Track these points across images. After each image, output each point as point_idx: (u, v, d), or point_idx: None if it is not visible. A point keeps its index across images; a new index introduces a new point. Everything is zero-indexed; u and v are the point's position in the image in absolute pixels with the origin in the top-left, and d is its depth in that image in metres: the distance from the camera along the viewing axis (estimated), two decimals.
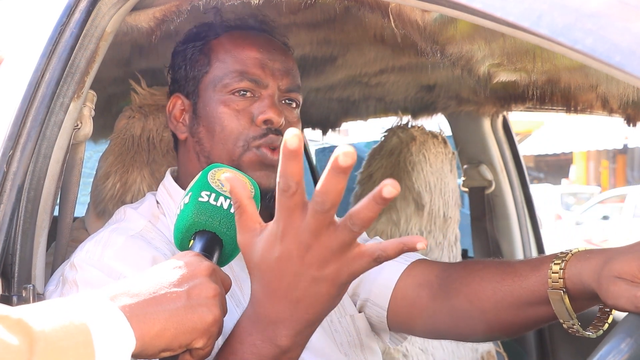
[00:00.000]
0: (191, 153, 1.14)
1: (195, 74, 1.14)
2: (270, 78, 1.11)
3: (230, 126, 1.08)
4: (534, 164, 17.58)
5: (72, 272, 0.98)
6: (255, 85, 1.10)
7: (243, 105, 1.09)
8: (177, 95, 1.17)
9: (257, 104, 1.10)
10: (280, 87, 1.12)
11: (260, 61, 1.11)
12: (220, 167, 0.93)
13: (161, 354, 0.72)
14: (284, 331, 0.77)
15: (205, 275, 0.76)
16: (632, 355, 0.69)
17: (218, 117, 1.09)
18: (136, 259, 0.98)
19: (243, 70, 1.10)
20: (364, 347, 1.15)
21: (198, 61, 1.14)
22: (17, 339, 0.58)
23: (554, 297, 0.90)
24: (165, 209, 1.11)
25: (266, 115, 1.08)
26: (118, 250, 0.99)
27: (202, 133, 1.11)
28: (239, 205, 0.77)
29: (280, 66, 1.13)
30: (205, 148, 1.11)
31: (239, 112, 1.09)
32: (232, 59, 1.11)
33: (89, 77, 1.06)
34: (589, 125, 12.07)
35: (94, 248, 1.00)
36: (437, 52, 0.99)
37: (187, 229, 0.87)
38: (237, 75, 1.10)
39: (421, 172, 1.87)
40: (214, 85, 1.11)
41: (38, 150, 1.00)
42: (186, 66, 1.16)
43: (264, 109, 1.08)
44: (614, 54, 0.62)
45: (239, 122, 1.08)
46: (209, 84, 1.12)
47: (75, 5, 1.03)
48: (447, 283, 1.07)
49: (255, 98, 1.10)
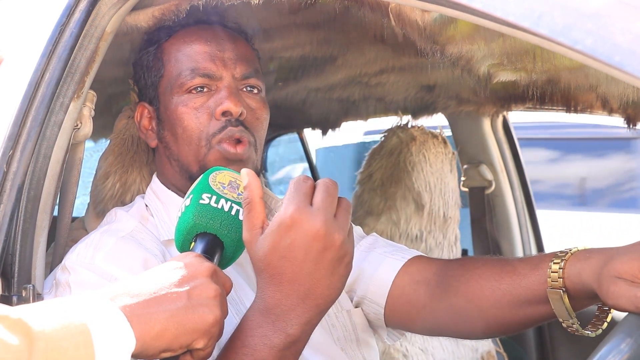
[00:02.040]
0: (163, 158, 1.14)
1: (152, 80, 1.14)
2: (222, 69, 1.09)
3: (191, 125, 1.08)
4: None
5: (65, 275, 0.98)
6: (209, 80, 1.09)
7: (200, 102, 1.08)
8: (141, 104, 1.17)
9: (214, 97, 1.08)
10: (235, 76, 1.10)
11: (209, 54, 1.10)
12: (221, 170, 0.93)
13: (162, 355, 0.72)
14: (295, 319, 0.79)
15: (206, 276, 0.76)
16: (632, 355, 0.68)
17: (179, 118, 1.09)
18: (127, 260, 0.99)
19: (194, 66, 1.09)
20: (360, 342, 1.15)
21: (153, 66, 1.14)
22: (17, 339, 0.58)
23: (554, 297, 0.90)
24: (153, 210, 1.12)
25: (223, 107, 1.06)
26: (109, 252, 0.99)
27: (167, 137, 1.12)
28: (249, 201, 0.82)
29: (231, 54, 1.11)
30: (174, 152, 1.11)
31: (197, 110, 1.08)
32: (183, 57, 1.11)
33: (89, 77, 1.06)
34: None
35: (85, 250, 1.00)
36: (437, 52, 0.99)
37: (188, 231, 0.87)
38: (189, 72, 1.09)
39: (421, 172, 1.87)
40: (171, 87, 1.11)
41: (38, 150, 1.00)
42: (144, 74, 1.16)
43: (220, 101, 1.07)
44: (614, 54, 0.62)
45: (198, 120, 1.08)
46: (166, 86, 1.12)
47: (75, 5, 1.03)
48: (445, 280, 1.06)
49: (212, 92, 1.09)
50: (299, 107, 2.05)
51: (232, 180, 0.91)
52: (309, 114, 2.16)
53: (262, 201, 0.82)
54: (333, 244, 0.78)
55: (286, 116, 2.23)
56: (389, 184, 1.90)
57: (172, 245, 1.05)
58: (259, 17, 1.23)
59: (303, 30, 1.35)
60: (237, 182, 0.92)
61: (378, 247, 1.19)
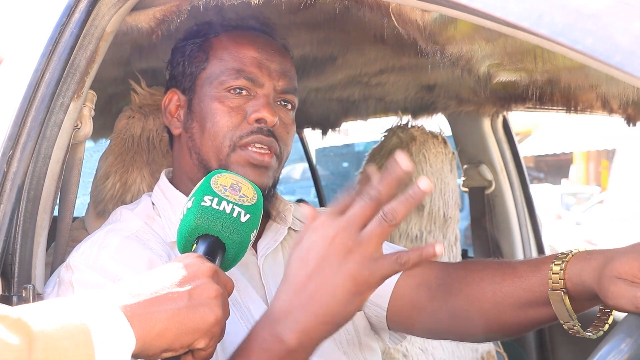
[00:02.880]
0: (184, 149, 1.14)
1: (192, 70, 1.14)
2: (266, 77, 1.11)
3: (222, 122, 1.08)
4: (534, 164, 17.57)
5: (68, 274, 0.98)
6: (252, 84, 1.10)
7: (237, 103, 1.09)
8: (173, 90, 1.17)
9: (252, 102, 1.09)
10: (276, 88, 1.12)
11: (258, 60, 1.11)
12: (223, 173, 0.94)
13: (163, 355, 0.72)
14: (291, 325, 0.78)
15: (207, 276, 0.76)
16: (632, 355, 0.69)
17: (211, 112, 1.09)
18: (131, 259, 0.99)
19: (240, 68, 1.10)
20: (362, 345, 1.15)
21: (196, 57, 1.14)
22: (17, 338, 0.58)
23: (555, 298, 0.90)
24: (161, 210, 1.11)
25: (260, 114, 1.07)
26: (113, 251, 0.99)
27: (194, 129, 1.12)
28: None
29: (277, 67, 1.12)
30: (197, 144, 1.11)
31: (232, 110, 1.09)
32: (230, 57, 1.11)
33: (89, 77, 1.06)
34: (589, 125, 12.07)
35: (90, 249, 1.00)
36: (437, 52, 0.99)
37: (190, 233, 0.87)
38: (234, 72, 1.09)
39: (421, 172, 1.87)
40: (210, 82, 1.11)
41: (38, 150, 1.00)
42: (184, 62, 1.15)
43: (258, 108, 1.08)
44: (614, 54, 0.62)
45: (230, 119, 1.08)
46: (205, 80, 1.12)
47: (75, 5, 1.03)
48: (446, 283, 1.06)
49: (250, 97, 1.10)
50: (299, 107, 2.04)
51: (234, 182, 0.92)
52: (309, 114, 2.16)
53: None
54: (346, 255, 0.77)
55: None
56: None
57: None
58: (259, 17, 1.23)
59: (303, 30, 1.35)
60: (239, 184, 0.92)
61: (386, 249, 1.19)
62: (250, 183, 0.95)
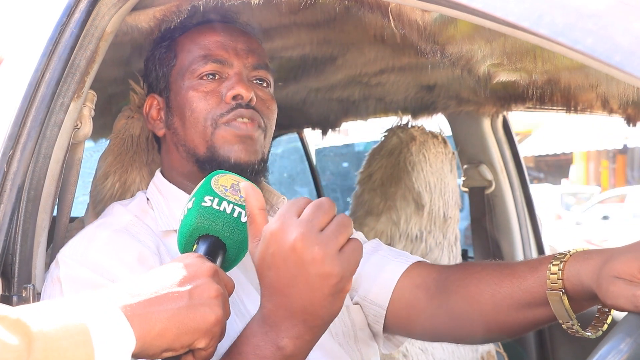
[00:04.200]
0: (170, 146, 1.16)
1: (164, 71, 1.16)
2: (234, 57, 1.12)
3: (199, 107, 1.10)
4: (534, 164, 17.56)
5: (57, 269, 0.98)
6: (221, 66, 1.12)
7: (211, 87, 1.11)
8: (151, 95, 1.20)
9: (225, 83, 1.11)
10: (246, 65, 1.13)
11: (222, 43, 1.13)
12: (223, 174, 0.94)
13: (163, 354, 0.72)
14: (284, 332, 0.78)
15: (207, 276, 0.76)
16: (632, 355, 0.68)
17: (188, 101, 1.11)
18: (121, 252, 0.99)
19: (206, 53, 1.12)
20: (358, 338, 1.15)
21: (165, 58, 1.17)
22: (16, 339, 0.58)
23: (553, 298, 0.90)
24: (154, 204, 1.12)
25: (234, 91, 1.09)
26: (102, 244, 1.00)
27: (176, 123, 1.14)
28: (249, 214, 0.82)
29: (243, 46, 1.14)
30: (181, 137, 1.13)
31: (208, 94, 1.11)
32: (195, 47, 1.14)
33: (89, 77, 1.06)
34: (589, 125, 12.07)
35: (79, 243, 1.01)
36: (437, 52, 0.99)
37: (191, 234, 0.87)
38: (202, 59, 1.11)
39: (421, 172, 1.87)
40: (182, 75, 1.13)
41: (38, 150, 1.00)
42: (156, 67, 1.18)
43: (232, 85, 1.10)
44: (614, 54, 0.62)
45: (207, 102, 1.10)
46: (177, 75, 1.14)
47: (75, 5, 1.03)
48: (445, 285, 1.06)
49: (223, 79, 1.12)
50: (299, 107, 2.05)
51: (235, 183, 0.92)
52: (309, 114, 2.16)
53: (263, 212, 0.82)
54: (313, 259, 0.75)
55: (286, 116, 2.23)
56: (389, 184, 1.90)
57: (168, 236, 1.06)
58: (259, 17, 1.24)
59: (303, 30, 1.35)
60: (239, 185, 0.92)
61: (381, 251, 1.19)
62: (250, 183, 0.95)
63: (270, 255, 0.78)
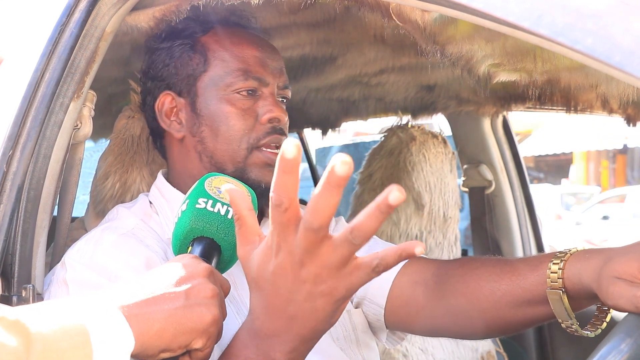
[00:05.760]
0: (191, 153, 1.13)
1: (190, 72, 1.12)
2: (270, 77, 1.12)
3: (237, 125, 1.09)
4: (534, 164, 17.57)
5: (63, 271, 0.98)
6: (259, 84, 1.11)
7: (248, 105, 1.10)
8: (167, 93, 1.14)
9: (261, 102, 1.11)
10: (278, 85, 1.14)
11: (261, 59, 1.12)
12: (216, 176, 0.94)
13: (161, 355, 0.72)
14: (278, 346, 0.76)
15: (203, 276, 0.76)
16: (632, 355, 0.69)
17: (224, 116, 1.09)
18: (127, 256, 0.98)
19: (246, 68, 1.10)
20: (359, 342, 1.15)
21: (192, 59, 1.12)
22: (15, 340, 0.58)
23: (553, 297, 0.90)
24: (158, 208, 1.11)
25: (273, 114, 1.09)
26: (109, 248, 0.99)
27: (205, 132, 1.11)
28: (238, 217, 0.75)
29: (277, 64, 1.14)
30: (209, 148, 1.10)
31: (245, 112, 1.09)
32: (232, 57, 1.11)
33: (89, 77, 1.06)
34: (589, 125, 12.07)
35: (86, 246, 1.00)
36: (437, 52, 0.99)
37: (185, 236, 0.87)
38: (242, 74, 1.09)
39: (421, 172, 1.87)
40: (215, 84, 1.10)
41: (38, 150, 1.00)
42: (175, 64, 1.13)
43: (270, 108, 1.10)
44: (614, 54, 0.62)
45: (245, 122, 1.09)
46: (209, 82, 1.11)
47: (75, 5, 1.03)
48: (444, 281, 1.06)
49: (257, 97, 1.11)
50: (299, 107, 2.05)
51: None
52: (309, 114, 2.16)
53: (252, 212, 0.76)
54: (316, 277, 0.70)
55: None
56: (389, 184, 1.89)
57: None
58: (259, 17, 1.23)
59: (303, 30, 1.35)
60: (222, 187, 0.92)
61: (377, 248, 1.19)
62: (244, 185, 0.95)
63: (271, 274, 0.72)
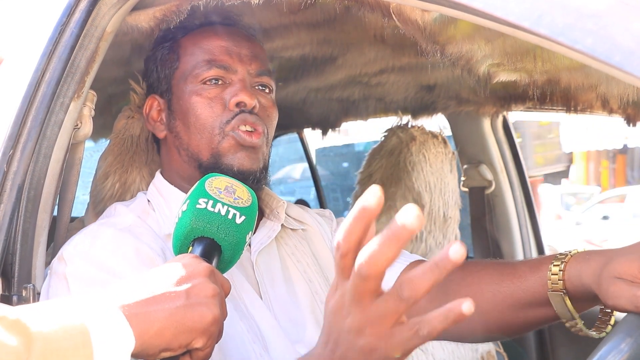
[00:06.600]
0: (172, 149, 1.16)
1: (166, 73, 1.16)
2: (238, 63, 1.13)
3: (204, 114, 1.10)
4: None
5: (62, 266, 0.98)
6: (225, 72, 1.12)
7: (215, 93, 1.11)
8: (152, 96, 1.20)
9: (229, 89, 1.11)
10: (250, 72, 1.13)
11: (226, 48, 1.13)
12: (217, 176, 0.94)
13: (161, 354, 0.72)
14: None
15: (204, 276, 0.77)
16: (632, 355, 0.68)
17: (192, 107, 1.11)
18: (124, 251, 0.99)
19: (210, 58, 1.12)
20: None
21: (168, 59, 1.16)
22: (15, 340, 0.58)
23: (555, 299, 0.90)
24: (155, 206, 1.12)
25: (238, 98, 1.09)
26: (106, 242, 1.00)
27: (179, 127, 1.14)
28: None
29: (247, 52, 1.14)
30: (184, 141, 1.13)
31: (212, 100, 1.11)
32: (199, 50, 1.13)
33: (89, 77, 1.06)
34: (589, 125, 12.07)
35: (83, 241, 1.01)
36: (437, 52, 0.99)
37: (186, 236, 0.87)
38: (206, 64, 1.11)
39: (421, 172, 1.87)
40: (185, 78, 1.13)
41: (38, 150, 1.00)
42: (157, 68, 1.18)
43: (235, 92, 1.10)
44: (614, 54, 0.62)
45: (212, 110, 1.10)
46: (180, 78, 1.14)
47: (75, 5, 1.03)
48: (445, 284, 1.06)
49: (226, 85, 1.12)
50: (299, 107, 2.05)
51: (228, 185, 0.93)
52: (309, 114, 2.16)
53: None
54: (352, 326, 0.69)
55: (286, 116, 2.22)
56: (389, 184, 1.90)
57: (171, 239, 1.06)
58: (259, 17, 1.24)
59: (303, 30, 1.35)
60: (233, 187, 0.93)
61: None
62: (244, 186, 0.96)
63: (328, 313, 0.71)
